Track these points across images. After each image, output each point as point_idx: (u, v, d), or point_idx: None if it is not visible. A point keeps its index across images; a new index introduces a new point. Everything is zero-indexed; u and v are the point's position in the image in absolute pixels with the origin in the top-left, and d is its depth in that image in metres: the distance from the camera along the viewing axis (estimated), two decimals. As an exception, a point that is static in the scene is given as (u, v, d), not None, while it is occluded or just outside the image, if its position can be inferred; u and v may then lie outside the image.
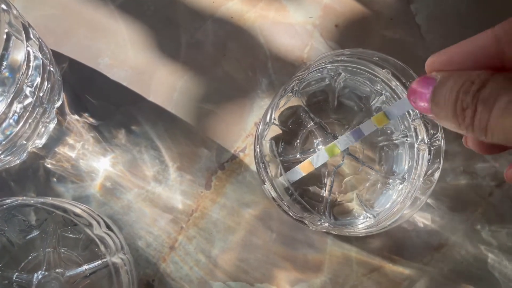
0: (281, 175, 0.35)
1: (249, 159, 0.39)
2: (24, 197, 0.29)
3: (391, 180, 0.37)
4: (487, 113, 0.17)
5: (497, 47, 0.18)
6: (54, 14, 0.39)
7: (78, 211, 0.30)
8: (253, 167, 0.39)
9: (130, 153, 0.38)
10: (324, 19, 0.41)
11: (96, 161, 0.37)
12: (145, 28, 0.40)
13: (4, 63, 0.26)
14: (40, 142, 0.36)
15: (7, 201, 0.31)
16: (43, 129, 0.35)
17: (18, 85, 0.28)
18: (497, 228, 0.39)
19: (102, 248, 0.29)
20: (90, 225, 0.29)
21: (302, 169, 0.33)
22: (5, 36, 0.26)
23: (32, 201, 0.29)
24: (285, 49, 0.41)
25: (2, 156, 0.33)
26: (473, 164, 0.40)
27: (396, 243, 0.39)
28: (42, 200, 0.29)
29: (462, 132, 0.19)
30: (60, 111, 0.37)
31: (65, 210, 0.29)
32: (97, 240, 0.29)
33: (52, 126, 0.36)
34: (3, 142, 0.31)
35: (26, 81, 0.29)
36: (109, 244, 0.30)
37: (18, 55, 0.28)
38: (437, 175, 0.32)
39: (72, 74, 0.38)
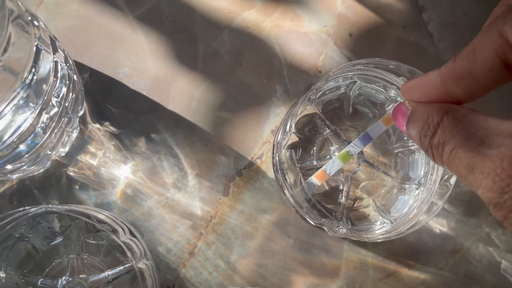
0: (300, 183, 0.35)
1: (266, 166, 0.39)
2: (50, 205, 0.30)
3: (407, 186, 0.38)
4: (439, 158, 0.20)
5: (444, 86, 0.21)
6: (74, 25, 0.40)
7: (102, 217, 0.31)
8: (270, 173, 0.39)
9: (150, 161, 0.38)
10: (338, 28, 0.42)
11: (117, 169, 0.38)
12: (163, 39, 0.40)
13: (35, 76, 0.27)
14: (64, 150, 0.37)
15: (32, 209, 0.32)
16: (66, 138, 0.36)
17: (46, 96, 0.29)
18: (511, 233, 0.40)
19: (128, 254, 0.30)
20: (115, 232, 0.30)
21: (317, 179, 0.34)
22: (35, 49, 0.27)
23: (57, 209, 0.30)
24: (300, 57, 0.41)
25: (25, 166, 0.34)
26: (487, 170, 0.41)
27: (411, 248, 0.39)
28: (66, 207, 0.30)
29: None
30: (82, 120, 0.38)
31: (89, 217, 0.30)
32: (123, 246, 0.29)
33: (75, 135, 0.37)
34: (28, 154, 0.32)
35: (53, 92, 0.30)
36: (135, 250, 0.31)
37: (46, 67, 0.29)
38: (453, 180, 0.33)
39: (93, 83, 0.39)
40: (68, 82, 0.32)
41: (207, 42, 0.41)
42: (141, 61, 0.40)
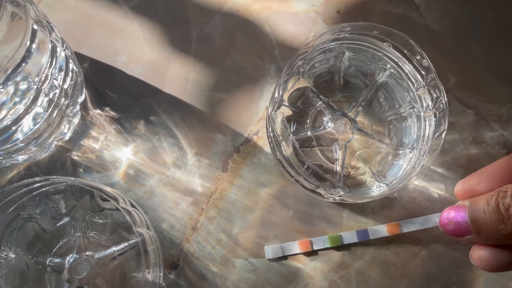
0: (294, 146, 0.36)
1: (262, 142, 0.40)
2: (54, 176, 0.32)
3: (401, 151, 0.38)
4: None
5: None
6: (73, 18, 0.42)
7: (107, 189, 0.32)
8: (267, 148, 0.40)
9: (150, 142, 0.40)
10: (326, 6, 0.43)
11: (118, 151, 0.39)
12: (157, 26, 0.42)
13: (32, 54, 0.29)
14: (67, 134, 0.38)
15: (36, 185, 0.33)
16: (67, 123, 0.38)
17: (44, 75, 0.31)
18: (511, 194, 0.40)
19: (128, 218, 0.31)
20: (116, 200, 0.31)
21: (300, 245, 0.38)
22: (31, 27, 0.29)
23: (61, 180, 0.31)
24: (290, 36, 0.43)
25: (30, 147, 0.35)
26: (482, 134, 0.41)
27: (411, 214, 0.39)
28: (72, 178, 0.31)
29: (502, 241, 0.25)
30: (84, 107, 0.40)
31: (93, 187, 0.31)
32: (123, 212, 0.30)
33: (76, 120, 0.39)
34: (29, 133, 0.33)
35: (51, 71, 0.32)
36: (135, 217, 0.32)
37: (43, 46, 0.31)
38: (443, 135, 0.33)
39: (93, 72, 0.41)
40: (66, 64, 0.34)
41: (200, 27, 0.42)
42: (138, 49, 0.42)
